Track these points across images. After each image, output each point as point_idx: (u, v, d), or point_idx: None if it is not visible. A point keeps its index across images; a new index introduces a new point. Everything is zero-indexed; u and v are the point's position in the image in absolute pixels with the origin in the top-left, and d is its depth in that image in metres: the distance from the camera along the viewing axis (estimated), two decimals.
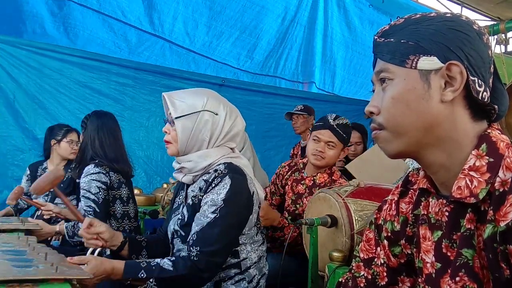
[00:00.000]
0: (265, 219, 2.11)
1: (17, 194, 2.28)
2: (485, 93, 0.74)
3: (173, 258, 1.37)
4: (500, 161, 0.69)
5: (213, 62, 5.02)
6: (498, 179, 0.67)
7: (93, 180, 2.23)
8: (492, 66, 0.77)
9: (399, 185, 0.93)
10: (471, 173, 0.71)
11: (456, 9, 6.45)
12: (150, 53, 4.71)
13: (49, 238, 2.36)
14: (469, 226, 0.71)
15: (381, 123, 0.78)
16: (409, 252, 0.87)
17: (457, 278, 0.71)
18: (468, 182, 0.70)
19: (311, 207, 1.88)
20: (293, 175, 2.41)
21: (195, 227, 1.40)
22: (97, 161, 2.32)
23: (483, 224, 0.69)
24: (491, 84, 0.76)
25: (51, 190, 1.50)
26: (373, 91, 0.82)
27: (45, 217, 2.29)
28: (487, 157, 0.70)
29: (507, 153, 0.69)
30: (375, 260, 0.94)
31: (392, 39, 0.77)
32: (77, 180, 3.01)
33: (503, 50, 2.65)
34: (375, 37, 0.81)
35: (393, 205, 0.92)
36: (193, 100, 1.48)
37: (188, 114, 1.46)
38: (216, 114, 1.49)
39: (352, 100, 5.44)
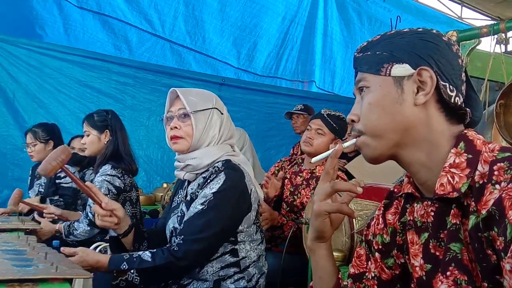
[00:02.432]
0: (269, 220, 2.18)
1: (18, 198, 2.27)
2: (457, 98, 0.79)
3: (154, 250, 1.41)
4: (478, 156, 0.73)
5: (214, 61, 5.02)
6: (477, 173, 0.72)
7: (106, 181, 2.26)
8: (464, 74, 0.82)
9: (384, 199, 0.97)
10: (452, 170, 0.74)
11: (456, 8, 6.45)
12: (150, 54, 4.71)
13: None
14: (454, 221, 0.74)
15: (360, 129, 0.83)
16: (402, 261, 0.89)
17: (448, 273, 0.74)
18: (449, 178, 0.74)
19: (310, 207, 1.88)
20: (292, 168, 2.49)
21: (184, 218, 1.45)
22: (113, 162, 2.34)
23: (467, 219, 0.72)
24: (464, 92, 0.82)
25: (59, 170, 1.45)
26: None
27: (47, 220, 2.30)
28: (466, 154, 0.75)
29: (484, 149, 0.74)
30: (366, 274, 0.96)
31: (369, 52, 0.84)
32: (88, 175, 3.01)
33: (503, 50, 2.65)
34: (355, 54, 0.87)
35: (380, 219, 0.94)
36: (205, 98, 1.54)
37: (203, 110, 1.50)
38: (222, 114, 1.56)
39: (352, 100, 5.38)
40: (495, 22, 2.69)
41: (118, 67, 4.22)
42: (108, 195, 2.24)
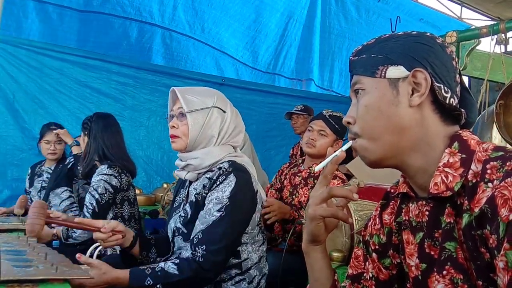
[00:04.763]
0: (278, 212, 2.16)
1: (23, 203, 2.30)
2: (452, 99, 0.80)
3: (177, 260, 1.36)
4: (472, 156, 0.74)
5: (213, 50, 5.04)
6: (470, 172, 0.72)
7: (103, 180, 2.27)
8: (458, 76, 0.83)
9: (381, 199, 0.97)
10: (446, 169, 0.75)
11: (456, 8, 6.45)
12: (150, 45, 4.72)
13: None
14: (448, 220, 0.75)
15: (356, 132, 0.83)
16: (398, 261, 0.89)
17: (444, 272, 0.74)
18: (443, 178, 0.75)
19: None
20: (291, 170, 2.48)
21: (199, 226, 1.40)
22: (109, 162, 2.35)
23: (461, 218, 0.72)
24: (459, 93, 0.83)
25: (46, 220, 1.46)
26: None
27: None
28: (460, 154, 0.75)
29: (478, 149, 0.74)
30: (364, 274, 0.96)
31: (364, 56, 0.85)
32: (78, 179, 3.05)
33: (503, 50, 2.64)
34: (350, 57, 0.88)
35: (377, 219, 0.95)
36: (204, 97, 1.52)
37: (200, 109, 1.49)
38: (224, 112, 1.53)
39: None
40: (495, 23, 2.69)
41: (118, 67, 4.22)
42: (105, 194, 2.26)
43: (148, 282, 1.29)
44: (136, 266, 1.39)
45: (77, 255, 1.26)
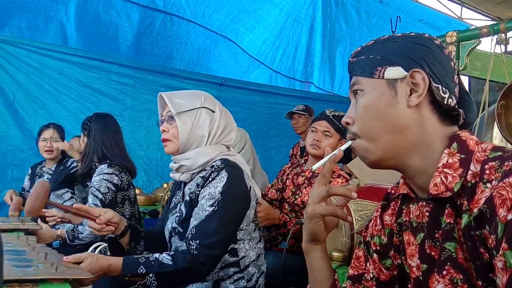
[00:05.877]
0: (265, 219, 2.13)
1: (18, 205, 2.28)
2: (450, 99, 0.81)
3: (172, 252, 1.38)
4: (471, 156, 0.74)
5: (212, 34, 5.06)
6: (470, 172, 0.73)
7: (105, 180, 2.27)
8: (457, 77, 0.84)
9: (381, 200, 0.98)
10: (445, 170, 0.76)
11: (456, 8, 6.45)
12: (151, 30, 4.73)
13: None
14: (448, 221, 0.75)
15: (355, 132, 0.84)
16: (399, 262, 0.90)
17: (444, 272, 0.75)
18: (443, 178, 0.75)
19: None
20: (294, 170, 2.48)
21: (193, 222, 1.42)
22: (109, 161, 2.35)
23: (460, 218, 0.73)
24: (458, 94, 0.83)
25: (46, 204, 1.46)
26: None
27: (50, 224, 2.29)
28: (459, 154, 0.76)
29: (477, 149, 0.75)
30: (365, 275, 0.96)
31: (363, 57, 0.86)
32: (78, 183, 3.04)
33: (503, 50, 2.64)
34: (349, 59, 0.89)
35: (378, 220, 0.95)
36: (192, 98, 1.53)
37: (187, 110, 1.50)
38: (213, 112, 1.54)
39: None
40: (495, 23, 2.69)
41: (118, 67, 4.22)
42: (108, 193, 2.25)
43: (141, 271, 1.28)
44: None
45: (64, 257, 1.18)
